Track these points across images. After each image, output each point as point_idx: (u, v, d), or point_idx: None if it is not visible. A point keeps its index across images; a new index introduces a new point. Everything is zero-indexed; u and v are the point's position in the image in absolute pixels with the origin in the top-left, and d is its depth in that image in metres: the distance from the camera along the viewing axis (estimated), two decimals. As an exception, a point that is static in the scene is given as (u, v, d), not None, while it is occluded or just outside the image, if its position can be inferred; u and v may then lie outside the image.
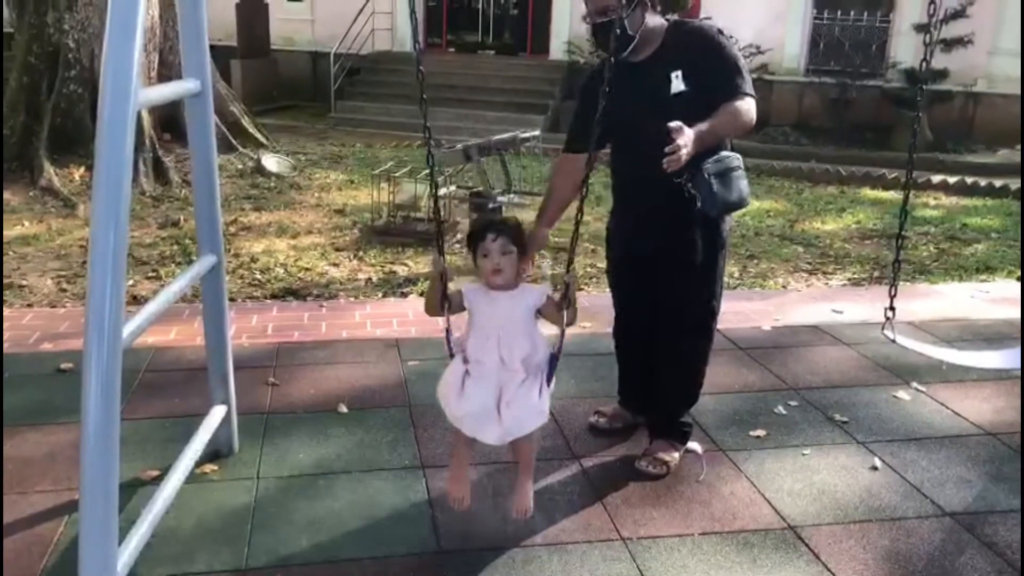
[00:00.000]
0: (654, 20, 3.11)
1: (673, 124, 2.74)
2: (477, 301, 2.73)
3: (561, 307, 2.71)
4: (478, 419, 2.66)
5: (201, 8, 2.85)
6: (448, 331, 2.78)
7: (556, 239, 7.04)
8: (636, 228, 3.31)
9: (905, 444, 3.62)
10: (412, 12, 2.71)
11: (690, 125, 2.83)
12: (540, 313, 2.75)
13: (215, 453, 3.31)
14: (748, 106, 3.02)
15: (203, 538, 2.84)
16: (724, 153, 3.08)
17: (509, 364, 2.67)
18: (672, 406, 3.42)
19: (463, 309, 2.76)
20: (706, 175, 2.99)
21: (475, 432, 2.69)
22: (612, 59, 2.70)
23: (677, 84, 3.03)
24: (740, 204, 3.14)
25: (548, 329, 2.77)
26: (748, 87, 3.04)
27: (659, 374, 3.41)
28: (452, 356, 2.77)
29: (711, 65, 3.03)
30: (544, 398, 2.71)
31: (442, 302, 2.74)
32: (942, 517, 3.09)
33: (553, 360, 2.75)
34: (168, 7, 8.55)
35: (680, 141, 2.72)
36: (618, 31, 2.82)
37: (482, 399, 2.65)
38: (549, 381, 2.74)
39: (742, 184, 3.10)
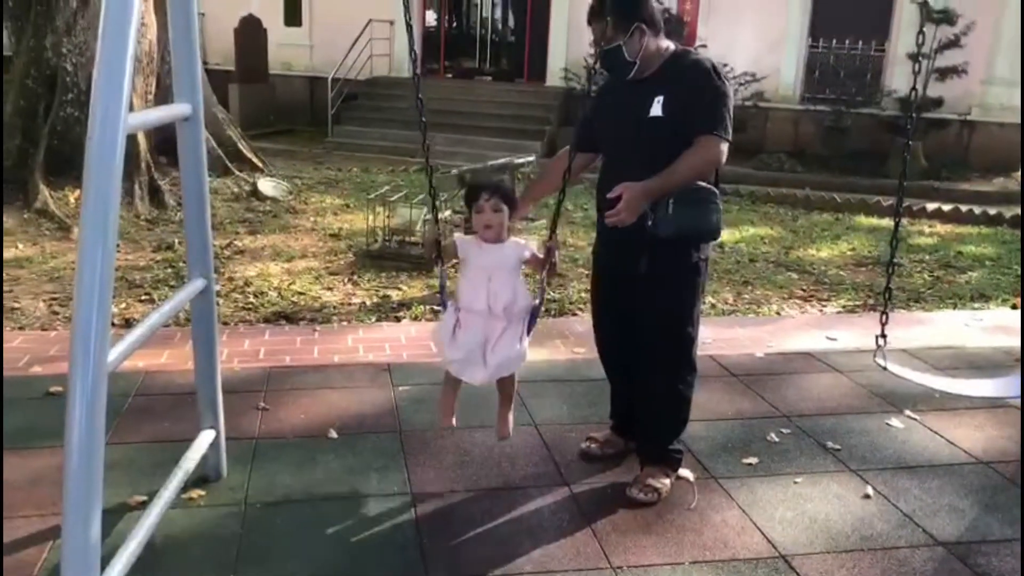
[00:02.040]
0: (660, 43, 3.15)
1: (619, 187, 2.97)
2: (469, 250, 3.08)
3: (544, 264, 3.05)
4: (466, 363, 3.05)
5: (193, 32, 2.87)
6: (442, 285, 3.19)
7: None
8: (611, 249, 3.34)
9: (898, 472, 3.60)
10: (410, 39, 2.81)
11: (657, 148, 3.00)
12: (526, 263, 3.09)
13: (203, 478, 3.28)
14: (712, 150, 3.02)
15: (188, 565, 2.81)
16: (700, 184, 3.07)
17: (495, 310, 2.99)
18: (660, 433, 3.40)
19: (456, 257, 3.12)
20: (666, 199, 2.99)
21: (463, 374, 3.09)
22: (594, 75, 3.05)
23: (655, 108, 3.08)
24: (700, 233, 3.12)
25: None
26: (722, 128, 3.04)
27: (643, 403, 3.40)
28: (445, 308, 3.14)
29: (693, 99, 3.05)
30: (524, 344, 3.09)
31: (436, 256, 3.14)
32: (935, 547, 3.06)
33: (534, 311, 3.09)
34: (165, 31, 8.60)
35: (621, 205, 2.94)
36: (620, 57, 3.11)
37: (470, 346, 3.02)
38: (529, 331, 3.10)
39: (709, 215, 3.07)
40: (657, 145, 3.05)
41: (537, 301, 3.11)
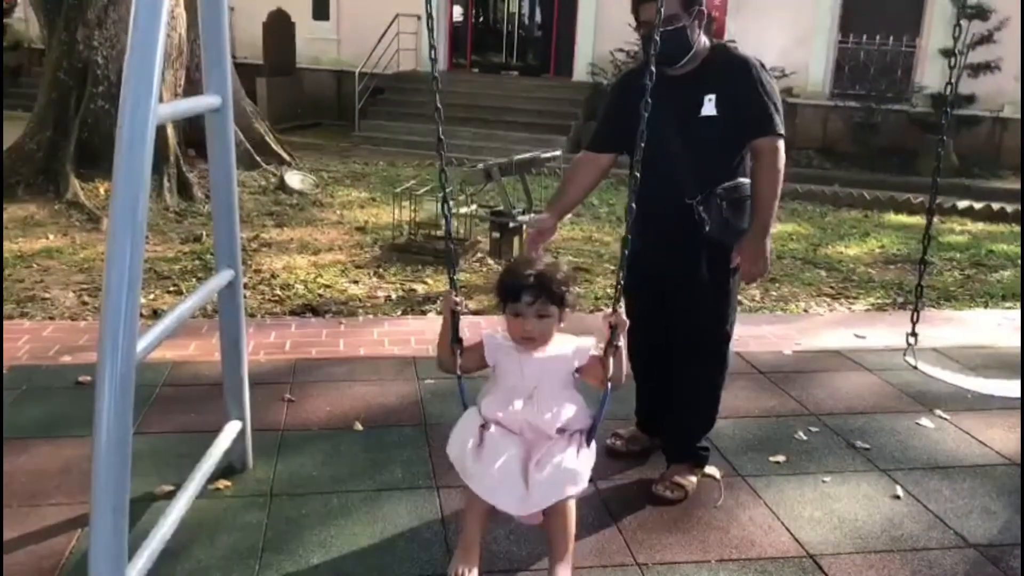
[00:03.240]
0: (702, 37, 3.09)
1: (736, 257, 3.00)
2: (502, 359, 2.39)
3: (607, 357, 2.38)
4: (499, 482, 2.26)
5: (223, 25, 2.87)
6: (461, 379, 2.46)
7: (575, 259, 7.06)
8: (649, 248, 3.25)
9: (928, 473, 3.55)
10: (431, 32, 2.67)
11: (709, 149, 2.95)
12: (580, 373, 2.44)
13: (229, 469, 3.29)
14: (776, 155, 3.02)
15: (214, 555, 2.82)
16: (742, 180, 3.07)
17: (540, 428, 2.34)
18: (689, 430, 3.37)
19: (484, 366, 2.42)
20: (718, 200, 3.00)
21: (493, 498, 2.30)
22: (654, 71, 2.55)
23: (708, 108, 3.01)
24: (746, 232, 3.12)
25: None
26: (780, 126, 3.03)
27: (675, 399, 3.37)
28: (465, 407, 2.46)
29: (748, 98, 3.01)
30: (583, 459, 2.34)
31: (454, 351, 2.42)
32: (966, 548, 3.02)
33: (592, 427, 2.43)
34: (195, 24, 8.65)
35: (749, 267, 3.05)
36: (684, 41, 2.95)
37: (504, 463, 2.27)
38: (589, 442, 2.41)
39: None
40: (708, 145, 3.01)
41: (597, 413, 2.46)
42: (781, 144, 3.04)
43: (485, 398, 2.43)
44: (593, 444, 2.42)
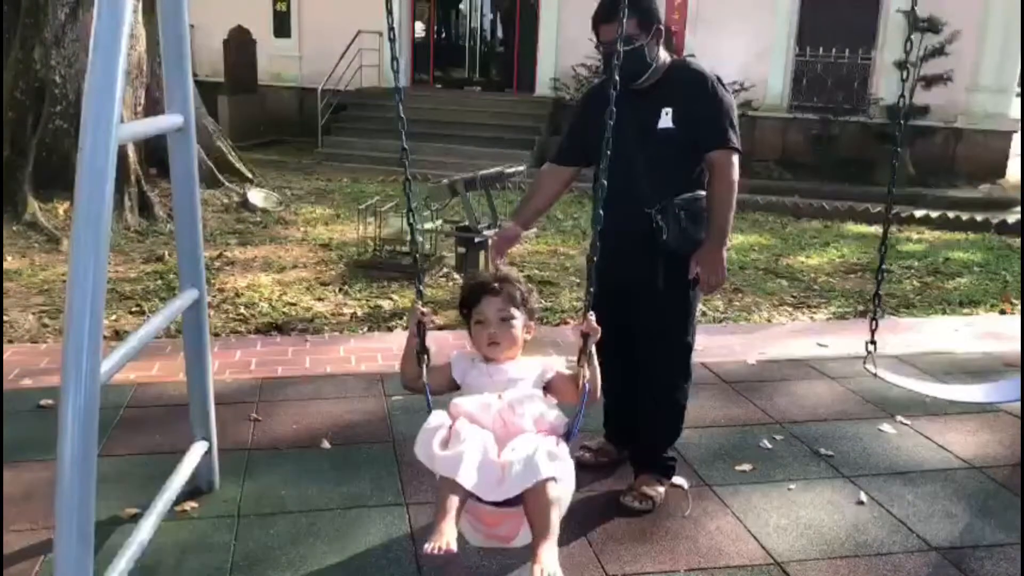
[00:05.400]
0: (661, 53, 3.16)
1: (693, 266, 3.05)
2: (470, 371, 2.38)
3: (580, 366, 2.35)
4: (472, 463, 2.10)
5: (185, 43, 2.87)
6: (428, 387, 2.41)
7: (540, 273, 7.08)
8: (610, 258, 3.29)
9: (891, 478, 3.61)
10: (392, 43, 2.71)
11: (667, 160, 3.03)
12: (549, 390, 2.38)
13: (195, 490, 3.26)
14: (729, 167, 3.08)
15: (182, 577, 2.80)
16: (700, 192, 3.13)
17: (511, 423, 2.25)
18: (655, 441, 3.40)
19: (451, 387, 2.39)
20: (676, 209, 3.05)
21: (467, 479, 2.08)
22: (618, 83, 2.61)
23: (665, 120, 3.09)
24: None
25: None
26: (735, 139, 3.10)
27: (640, 410, 3.40)
28: (430, 410, 2.35)
29: (703, 112, 3.08)
30: (563, 447, 2.24)
31: (420, 361, 2.37)
32: (929, 552, 3.07)
33: (568, 435, 2.35)
34: (155, 42, 8.59)
35: (706, 278, 3.09)
36: (643, 59, 3.03)
37: (478, 440, 2.16)
38: (568, 440, 2.33)
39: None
40: (665, 157, 3.08)
41: (571, 426, 2.37)
42: (735, 157, 3.10)
43: (455, 399, 2.36)
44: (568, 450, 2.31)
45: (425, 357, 2.43)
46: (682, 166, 3.10)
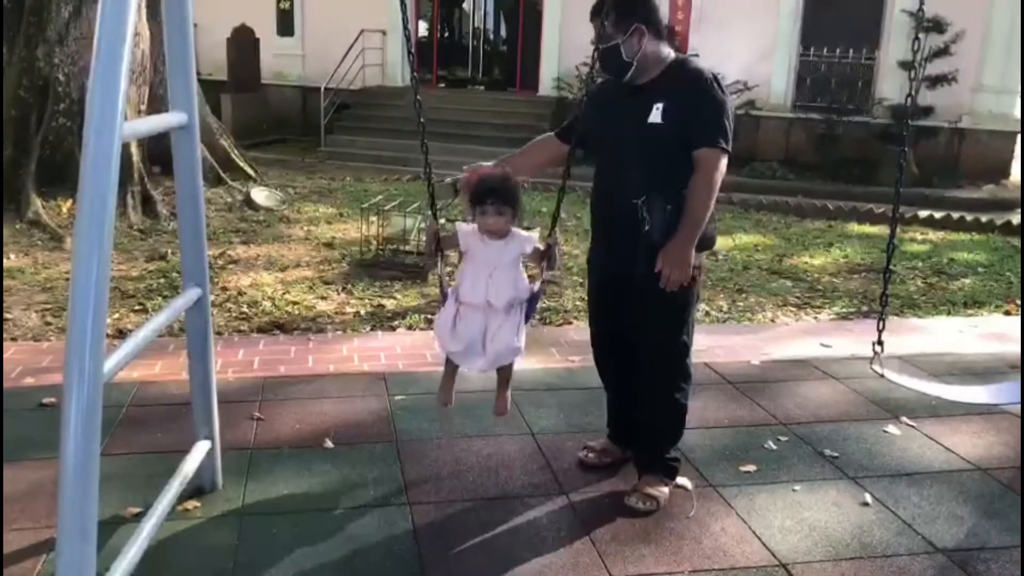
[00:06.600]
0: (661, 49, 3.15)
1: (659, 262, 3.04)
2: (471, 242, 3.11)
3: (543, 258, 3.14)
4: (466, 353, 3.13)
5: (189, 42, 2.86)
6: (441, 278, 3.25)
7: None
8: (606, 254, 3.33)
9: (896, 480, 3.60)
10: (407, 39, 2.81)
11: (654, 154, 3.06)
12: (525, 257, 3.14)
13: (198, 489, 3.26)
14: (713, 165, 3.03)
15: (184, 577, 2.79)
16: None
17: (495, 305, 3.05)
18: (657, 442, 3.39)
19: (457, 247, 3.16)
20: (662, 202, 3.03)
21: (463, 363, 3.19)
22: (594, 77, 2.94)
23: (655, 115, 3.08)
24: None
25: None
26: (723, 139, 3.05)
27: (641, 411, 3.39)
28: (445, 299, 3.19)
29: (693, 108, 3.06)
30: (521, 336, 3.15)
31: (436, 248, 3.20)
32: (934, 554, 3.06)
33: (533, 298, 3.14)
34: (158, 41, 8.58)
35: (667, 272, 3.03)
36: (617, 57, 3.11)
37: (469, 337, 3.09)
38: (528, 318, 3.16)
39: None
40: (655, 153, 3.06)
41: (536, 288, 3.15)
42: (721, 158, 3.04)
43: (459, 287, 3.13)
44: (531, 320, 3.26)
45: (441, 253, 3.21)
46: (670, 160, 3.05)
